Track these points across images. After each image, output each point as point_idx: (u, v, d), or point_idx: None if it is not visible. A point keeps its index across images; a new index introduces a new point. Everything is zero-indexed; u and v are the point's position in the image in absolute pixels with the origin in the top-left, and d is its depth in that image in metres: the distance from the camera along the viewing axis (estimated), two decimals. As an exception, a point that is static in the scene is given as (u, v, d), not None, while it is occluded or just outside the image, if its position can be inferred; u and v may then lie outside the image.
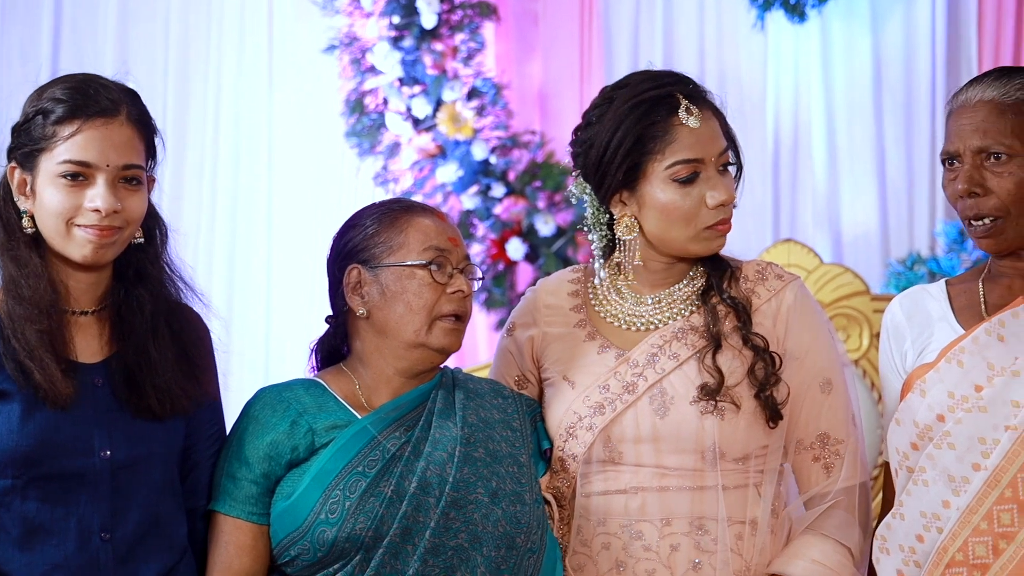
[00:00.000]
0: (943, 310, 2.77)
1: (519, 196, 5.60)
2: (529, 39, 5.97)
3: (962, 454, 2.63)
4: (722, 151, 2.71)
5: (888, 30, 5.71)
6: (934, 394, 2.67)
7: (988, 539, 2.61)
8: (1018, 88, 2.65)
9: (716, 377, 2.68)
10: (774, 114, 5.77)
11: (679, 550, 2.69)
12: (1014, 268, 2.72)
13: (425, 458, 2.57)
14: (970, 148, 2.65)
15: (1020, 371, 2.62)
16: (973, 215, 2.65)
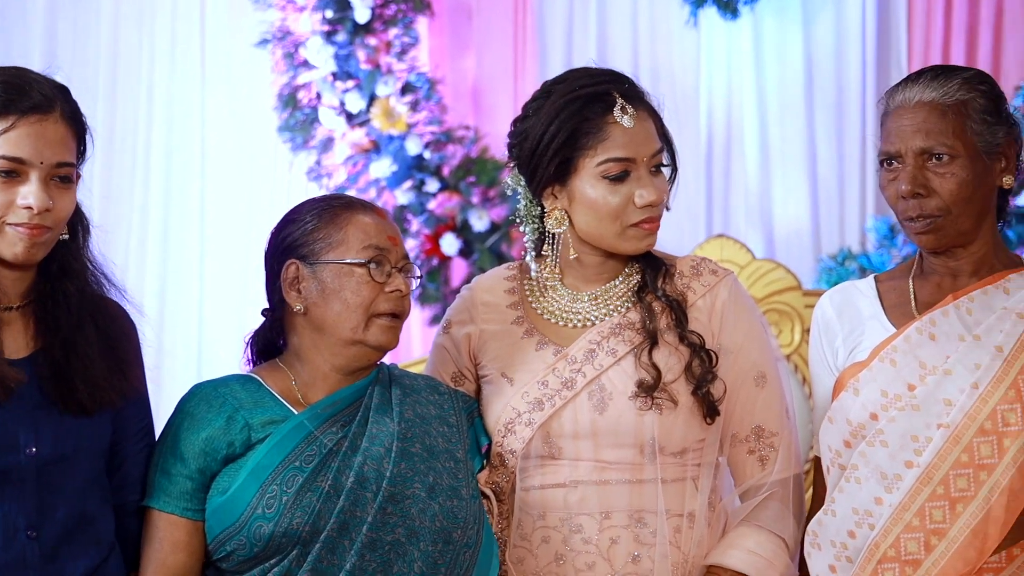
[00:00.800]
0: (874, 308, 2.79)
1: (453, 191, 5.60)
2: (463, 34, 5.96)
3: (895, 452, 2.65)
4: (655, 152, 2.72)
5: (819, 28, 5.75)
6: (867, 393, 2.70)
7: (920, 535, 2.63)
8: (958, 89, 2.67)
9: (653, 373, 2.69)
10: (707, 111, 5.79)
11: (618, 543, 2.71)
12: (945, 266, 2.75)
13: (362, 453, 2.56)
14: (913, 149, 2.66)
15: (952, 370, 2.65)
16: (916, 215, 2.67)
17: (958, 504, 2.61)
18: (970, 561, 2.61)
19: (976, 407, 2.63)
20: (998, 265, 2.75)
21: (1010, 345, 2.64)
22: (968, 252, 2.72)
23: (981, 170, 2.67)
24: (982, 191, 2.68)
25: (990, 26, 5.58)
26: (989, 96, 2.69)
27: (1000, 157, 2.69)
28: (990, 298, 2.70)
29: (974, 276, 2.73)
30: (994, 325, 2.66)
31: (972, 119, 2.66)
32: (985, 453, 2.62)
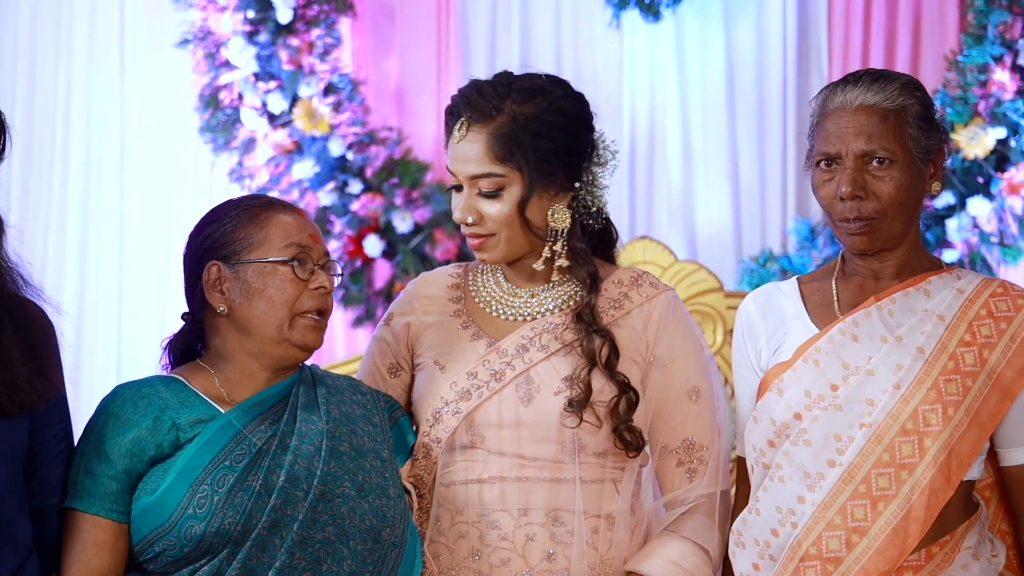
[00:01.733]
0: (797, 308, 2.81)
1: (376, 193, 5.58)
2: (386, 35, 5.94)
3: (818, 451, 2.68)
4: (472, 175, 2.75)
5: (740, 31, 5.79)
6: (791, 393, 2.72)
7: (842, 533, 2.65)
8: (898, 94, 2.70)
9: (584, 392, 2.71)
10: (630, 113, 5.81)
11: (535, 540, 2.72)
12: (868, 268, 2.78)
13: (292, 452, 2.55)
14: (854, 151, 2.68)
15: (874, 370, 2.68)
16: (853, 216, 2.69)
17: (879, 503, 2.64)
18: (890, 559, 2.64)
19: (898, 407, 2.66)
20: (919, 268, 2.78)
21: (931, 347, 2.68)
22: (893, 255, 2.76)
23: (915, 175, 2.71)
24: (915, 196, 2.72)
25: (908, 30, 5.64)
26: (924, 103, 2.73)
27: (930, 164, 2.73)
28: (911, 300, 2.74)
29: (896, 278, 2.77)
30: (915, 327, 2.70)
31: (910, 125, 2.69)
32: (906, 453, 2.65)
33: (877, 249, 2.74)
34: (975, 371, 2.67)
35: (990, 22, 5.31)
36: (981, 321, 2.70)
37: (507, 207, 2.73)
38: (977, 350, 2.68)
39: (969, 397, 2.66)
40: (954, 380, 2.66)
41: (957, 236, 5.27)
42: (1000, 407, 2.68)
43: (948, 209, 5.25)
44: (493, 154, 2.72)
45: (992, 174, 5.27)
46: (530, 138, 2.72)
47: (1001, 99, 5.27)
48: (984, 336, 2.69)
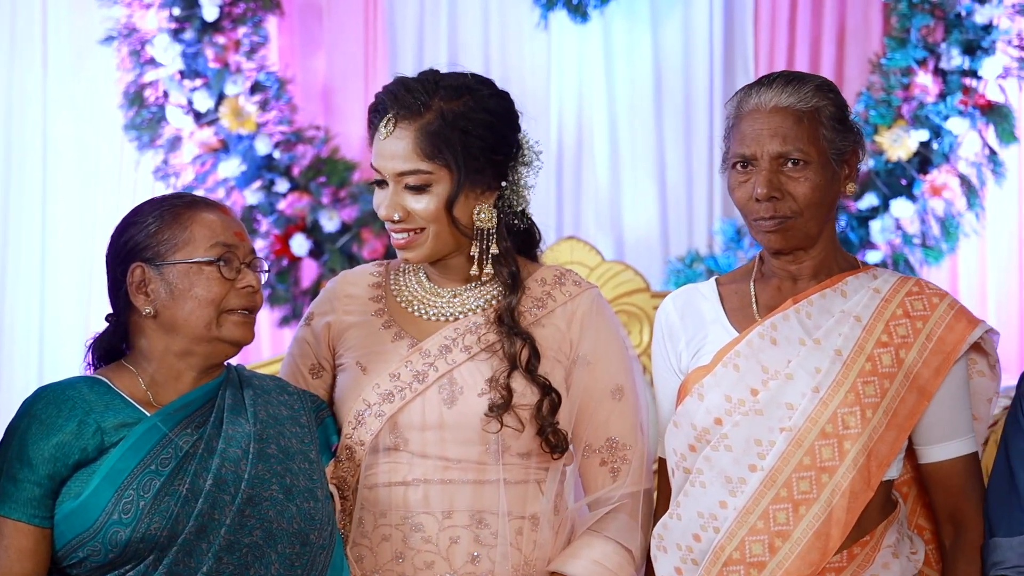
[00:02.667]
0: (716, 311, 2.82)
1: (303, 192, 5.56)
2: (313, 34, 5.92)
3: (739, 456, 2.69)
4: (399, 172, 2.73)
5: (667, 32, 5.82)
6: (711, 398, 2.73)
7: (764, 538, 2.66)
8: (812, 95, 2.71)
9: (506, 396, 2.70)
10: (557, 113, 5.82)
11: (459, 543, 2.71)
12: (786, 269, 2.79)
13: (219, 455, 2.53)
14: (769, 153, 2.69)
15: (793, 374, 2.69)
16: (768, 216, 2.70)
17: (801, 506, 2.65)
18: (813, 562, 2.65)
19: (817, 411, 2.67)
20: (836, 268, 2.80)
21: (848, 348, 2.70)
22: (809, 255, 2.77)
23: (830, 176, 2.72)
24: (830, 196, 2.74)
25: (833, 33, 5.69)
26: (837, 104, 2.75)
27: (844, 165, 2.75)
28: (828, 301, 2.75)
29: (813, 279, 2.78)
30: (833, 329, 2.72)
31: (824, 126, 2.71)
32: (826, 456, 2.66)
33: (792, 248, 2.75)
34: (892, 372, 2.69)
35: (913, 26, 5.36)
36: (897, 321, 2.72)
37: (434, 204, 2.71)
38: (894, 350, 2.70)
39: (887, 398, 2.68)
40: (872, 382, 2.68)
41: (881, 237, 5.32)
42: (918, 407, 2.70)
43: (872, 211, 5.31)
44: (421, 151, 2.70)
45: (915, 176, 5.33)
46: (458, 135, 2.71)
47: (924, 102, 5.33)
48: (901, 336, 2.71)
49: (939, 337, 2.71)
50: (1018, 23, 5.30)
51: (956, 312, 2.74)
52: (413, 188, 2.72)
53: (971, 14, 5.31)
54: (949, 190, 5.33)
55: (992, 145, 5.33)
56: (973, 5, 5.31)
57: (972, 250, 5.50)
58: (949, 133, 5.31)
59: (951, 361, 2.71)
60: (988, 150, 5.33)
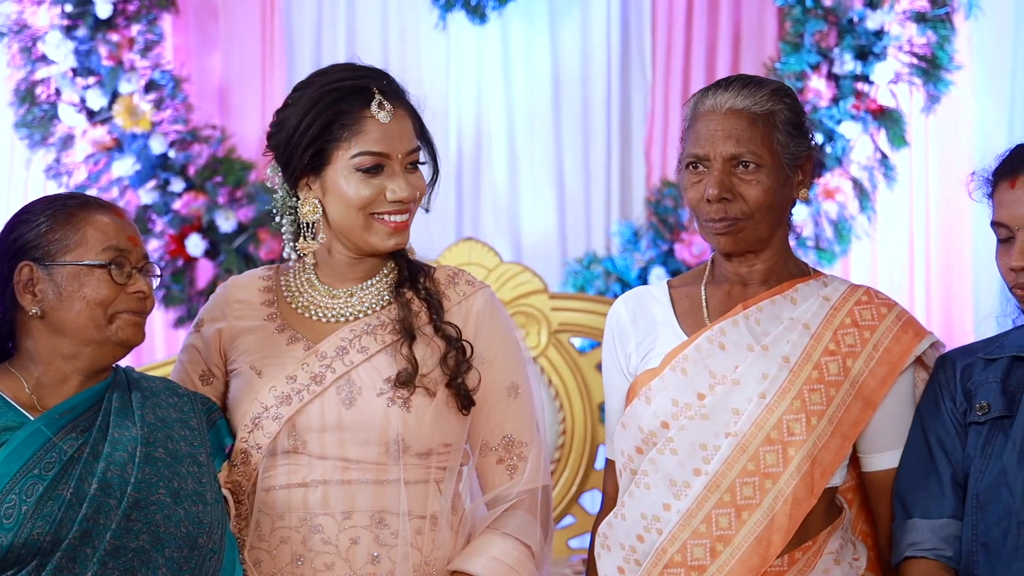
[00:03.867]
0: (666, 314, 2.82)
1: (199, 191, 5.51)
2: (209, 32, 5.87)
3: (684, 460, 2.70)
4: (410, 150, 2.73)
5: (565, 35, 5.84)
6: (659, 401, 2.73)
7: (706, 542, 2.67)
8: (767, 99, 2.71)
9: (412, 365, 2.70)
10: (457, 115, 5.82)
11: (359, 543, 2.69)
12: (736, 273, 2.79)
13: (105, 459, 2.49)
14: (722, 155, 2.69)
15: (740, 380, 2.70)
16: (719, 218, 2.71)
17: (744, 511, 2.67)
18: (753, 568, 2.66)
19: (763, 417, 2.68)
20: (787, 274, 2.80)
21: (796, 356, 2.71)
22: (760, 259, 2.77)
23: (783, 180, 2.72)
24: (781, 200, 2.74)
25: (729, 37, 5.75)
26: (793, 109, 2.75)
27: (798, 170, 2.76)
28: (778, 308, 2.76)
29: (763, 284, 2.78)
30: (781, 335, 2.73)
31: (779, 130, 2.71)
32: (770, 462, 2.67)
33: (742, 251, 2.76)
34: (839, 380, 2.71)
35: (807, 31, 5.43)
36: (845, 330, 2.74)
37: (423, 180, 2.75)
38: (841, 359, 2.72)
39: (832, 407, 2.70)
40: (818, 390, 2.70)
41: (775, 240, 5.37)
42: (863, 416, 2.72)
43: (766, 213, 5.36)
44: (418, 130, 2.74)
45: (809, 179, 5.39)
46: (421, 119, 2.77)
47: (817, 106, 5.40)
48: (848, 345, 2.73)
49: (886, 348, 2.73)
50: (909, 29, 5.39)
51: (904, 323, 2.76)
52: (413, 166, 2.74)
53: (863, 20, 5.39)
54: (842, 193, 5.40)
55: (884, 149, 5.41)
56: (865, 11, 5.39)
57: (864, 252, 5.59)
58: (842, 137, 5.38)
59: (897, 372, 2.73)
60: (880, 154, 5.41)
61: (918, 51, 5.38)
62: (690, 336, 2.77)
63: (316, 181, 2.74)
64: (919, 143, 5.55)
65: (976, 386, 2.70)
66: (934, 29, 5.38)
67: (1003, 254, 2.68)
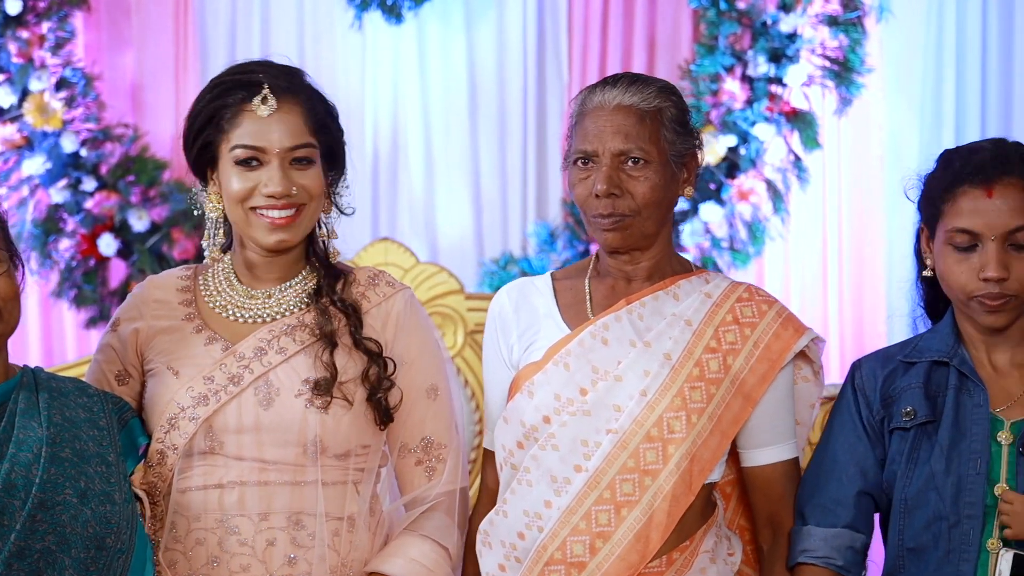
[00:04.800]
0: (549, 306, 2.83)
1: (111, 191, 5.44)
2: (122, 30, 5.80)
3: (565, 456, 2.70)
4: (293, 146, 2.70)
5: (481, 36, 5.83)
6: (541, 396, 2.74)
7: (586, 538, 2.68)
8: (655, 96, 2.74)
9: (330, 372, 2.69)
10: (373, 115, 5.80)
11: (275, 545, 2.69)
12: (620, 269, 2.81)
13: (9, 460, 2.47)
14: (611, 150, 2.71)
15: (622, 376, 2.72)
16: (607, 213, 2.72)
17: (623, 508, 2.68)
18: (632, 564, 2.67)
19: (644, 414, 2.69)
20: (670, 270, 2.83)
21: (678, 353, 2.73)
22: (645, 256, 2.80)
23: (669, 177, 2.75)
24: (668, 197, 2.76)
25: (644, 39, 5.77)
26: (679, 107, 2.78)
27: (684, 168, 2.78)
28: (661, 304, 2.78)
29: (647, 280, 2.81)
30: (664, 332, 2.74)
31: (666, 127, 2.74)
32: (650, 459, 2.69)
33: (629, 247, 2.77)
34: (719, 377, 2.73)
35: (721, 33, 5.46)
36: (727, 327, 2.76)
37: (319, 179, 2.73)
38: (722, 356, 2.74)
39: (712, 404, 2.72)
40: (699, 387, 2.72)
41: (690, 241, 5.41)
42: (742, 413, 2.74)
43: (682, 214, 5.39)
44: (309, 126, 2.71)
45: (723, 181, 5.43)
46: (324, 116, 2.75)
47: (732, 108, 5.43)
48: (729, 342, 2.75)
49: (766, 344, 2.76)
50: (821, 32, 5.44)
51: (784, 320, 2.78)
52: (301, 163, 2.71)
53: (777, 23, 5.43)
54: (756, 195, 5.44)
55: (797, 151, 5.46)
56: (779, 14, 5.43)
57: (778, 253, 5.63)
58: (756, 139, 5.42)
59: (777, 368, 2.76)
60: (793, 156, 5.46)
61: (830, 54, 5.43)
62: (573, 330, 2.77)
63: (215, 176, 2.75)
64: (832, 145, 5.60)
65: (899, 392, 2.73)
66: (846, 33, 5.43)
67: (962, 262, 2.65)
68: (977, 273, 2.63)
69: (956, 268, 2.66)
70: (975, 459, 2.63)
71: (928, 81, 5.66)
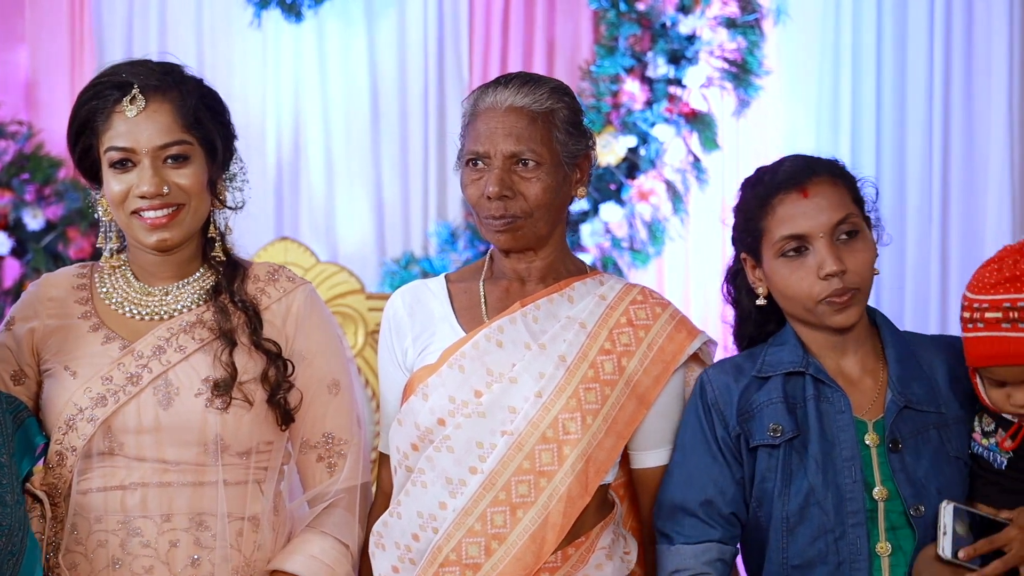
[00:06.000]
0: (444, 309, 2.82)
1: (5, 188, 5.37)
2: (14, 26, 5.73)
3: (461, 458, 2.70)
4: (163, 144, 2.67)
5: (382, 35, 5.82)
6: (436, 398, 2.73)
7: (481, 540, 2.68)
8: (547, 97, 2.73)
9: (230, 372, 2.67)
10: (275, 114, 5.76)
11: (178, 546, 2.66)
12: (514, 270, 2.81)
13: None
14: (503, 152, 2.70)
15: (517, 378, 2.71)
16: (499, 215, 2.72)
17: (519, 510, 2.68)
18: (527, 565, 2.67)
19: (539, 415, 2.69)
20: (564, 272, 2.82)
21: (572, 354, 2.73)
22: (539, 257, 2.79)
23: (561, 178, 2.74)
24: (560, 199, 2.76)
25: (544, 40, 5.79)
26: (572, 108, 2.77)
27: (576, 168, 2.78)
28: (556, 306, 2.78)
29: (541, 282, 2.80)
30: (558, 334, 2.74)
31: (558, 128, 2.73)
32: (546, 460, 2.69)
33: (522, 248, 2.77)
34: (614, 379, 2.73)
35: (621, 35, 5.50)
36: (621, 329, 2.77)
37: (196, 177, 2.69)
38: (616, 358, 2.75)
39: (607, 406, 2.72)
40: (593, 389, 2.72)
41: (590, 241, 5.44)
42: (637, 415, 2.74)
43: (582, 215, 5.42)
44: (181, 123, 2.67)
45: (623, 181, 5.47)
46: (205, 112, 2.71)
47: (632, 109, 5.47)
48: (623, 344, 2.76)
49: (660, 347, 2.77)
50: (720, 34, 5.49)
51: (677, 322, 2.79)
52: (175, 161, 2.67)
53: (676, 25, 5.48)
54: (656, 195, 5.48)
55: (696, 152, 5.51)
56: (678, 16, 5.48)
57: (678, 253, 5.68)
58: (656, 140, 5.46)
59: (670, 370, 2.77)
60: (692, 157, 5.50)
61: (729, 56, 5.48)
62: (468, 333, 2.77)
63: (99, 178, 2.73)
64: (730, 146, 5.66)
65: (758, 408, 2.72)
66: (744, 35, 5.49)
67: (798, 269, 2.66)
68: (817, 274, 2.64)
69: (794, 276, 2.67)
70: (849, 466, 2.65)
71: (824, 83, 5.74)
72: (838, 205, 2.66)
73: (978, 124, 5.68)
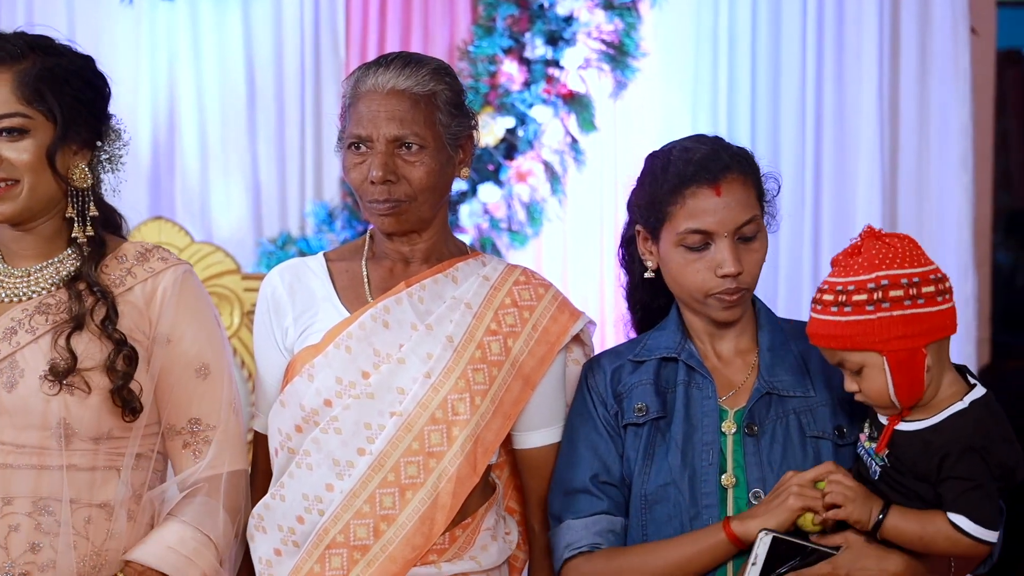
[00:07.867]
0: (326, 289, 2.80)
1: None
2: None
3: (348, 439, 2.68)
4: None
5: (257, 14, 5.75)
6: (322, 379, 2.71)
7: (370, 522, 2.67)
8: (429, 79, 2.71)
9: (67, 357, 2.60)
10: (151, 92, 5.66)
11: (18, 531, 2.60)
12: (398, 252, 2.80)
13: None
14: (385, 136, 2.68)
15: (405, 359, 2.71)
16: (383, 199, 2.70)
17: (408, 491, 2.67)
18: (417, 547, 2.67)
19: (428, 396, 2.69)
20: (447, 252, 2.83)
21: (459, 335, 2.73)
22: (423, 239, 2.79)
23: (445, 160, 2.73)
24: (444, 181, 2.75)
25: (422, 19, 5.76)
26: (454, 89, 2.76)
27: (460, 149, 2.77)
28: (440, 287, 2.78)
29: (425, 263, 2.80)
30: (445, 315, 2.74)
31: (441, 110, 2.72)
32: (435, 441, 2.69)
33: (406, 231, 2.76)
34: (501, 360, 2.74)
35: (499, 15, 5.50)
36: (506, 310, 2.78)
37: (33, 152, 2.60)
38: (503, 339, 2.75)
39: (495, 386, 2.73)
40: (481, 369, 2.73)
41: (469, 221, 5.44)
42: (523, 395, 2.76)
43: (460, 195, 5.42)
44: (20, 95, 2.59)
45: (501, 162, 5.47)
46: (58, 84, 2.61)
47: (510, 89, 5.47)
48: (509, 325, 2.77)
49: (544, 328, 2.78)
50: (597, 16, 5.51)
51: (560, 304, 2.82)
52: (9, 133, 2.60)
53: (553, 6, 5.49)
54: (534, 176, 5.49)
55: (574, 133, 5.53)
56: (556, -3, 5.49)
57: (556, 234, 5.69)
58: (534, 121, 5.47)
59: (555, 351, 2.79)
60: (570, 138, 5.53)
61: (606, 38, 5.51)
62: (352, 312, 2.75)
63: None
64: (608, 127, 5.69)
65: (628, 389, 2.75)
66: (621, 17, 5.52)
67: (696, 262, 2.67)
68: (714, 271, 2.66)
69: (690, 268, 2.68)
70: (707, 450, 2.68)
71: (701, 66, 5.79)
72: (746, 206, 2.67)
73: (849, 108, 5.77)
